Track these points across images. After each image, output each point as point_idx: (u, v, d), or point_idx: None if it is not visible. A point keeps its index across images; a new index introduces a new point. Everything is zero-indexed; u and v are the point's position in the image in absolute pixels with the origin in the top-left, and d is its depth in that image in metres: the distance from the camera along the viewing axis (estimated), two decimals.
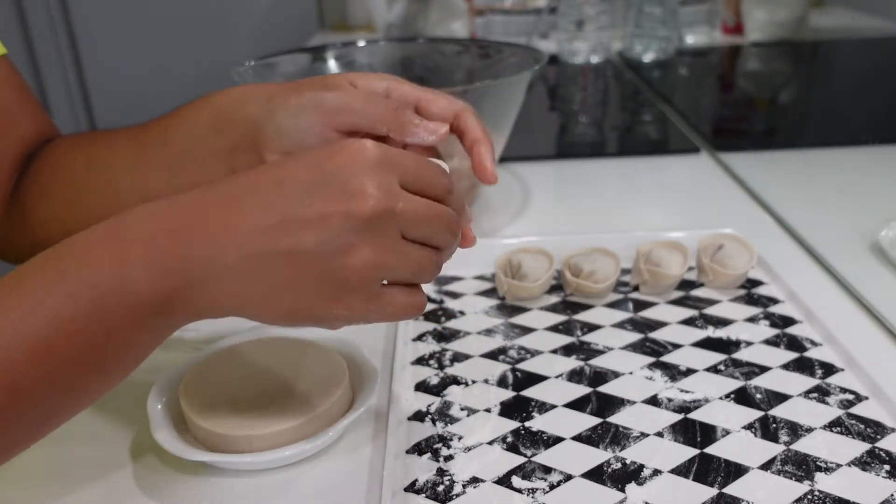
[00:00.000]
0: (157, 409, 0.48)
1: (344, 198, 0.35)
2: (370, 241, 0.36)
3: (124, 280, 0.35)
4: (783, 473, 0.44)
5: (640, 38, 1.52)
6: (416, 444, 0.47)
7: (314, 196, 0.35)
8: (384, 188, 0.36)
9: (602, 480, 0.44)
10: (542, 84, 1.38)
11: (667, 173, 0.93)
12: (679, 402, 0.50)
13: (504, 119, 0.74)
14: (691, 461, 0.45)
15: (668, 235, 0.68)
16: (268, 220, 0.35)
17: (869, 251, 0.69)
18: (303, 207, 0.35)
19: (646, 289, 0.63)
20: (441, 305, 0.63)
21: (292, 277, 0.36)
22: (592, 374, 0.53)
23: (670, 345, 0.56)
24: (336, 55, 0.86)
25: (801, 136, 1.10)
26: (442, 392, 0.52)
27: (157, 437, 0.45)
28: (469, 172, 0.73)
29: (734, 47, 1.61)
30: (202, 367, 0.51)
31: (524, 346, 0.57)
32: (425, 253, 0.38)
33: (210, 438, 0.45)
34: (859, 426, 0.47)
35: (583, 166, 0.96)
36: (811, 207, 0.81)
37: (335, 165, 0.36)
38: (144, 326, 0.36)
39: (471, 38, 1.56)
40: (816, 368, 0.53)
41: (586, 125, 1.16)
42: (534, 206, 0.84)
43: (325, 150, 0.37)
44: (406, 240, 0.37)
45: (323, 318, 0.38)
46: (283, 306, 0.37)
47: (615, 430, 0.47)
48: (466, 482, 0.44)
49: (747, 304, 0.61)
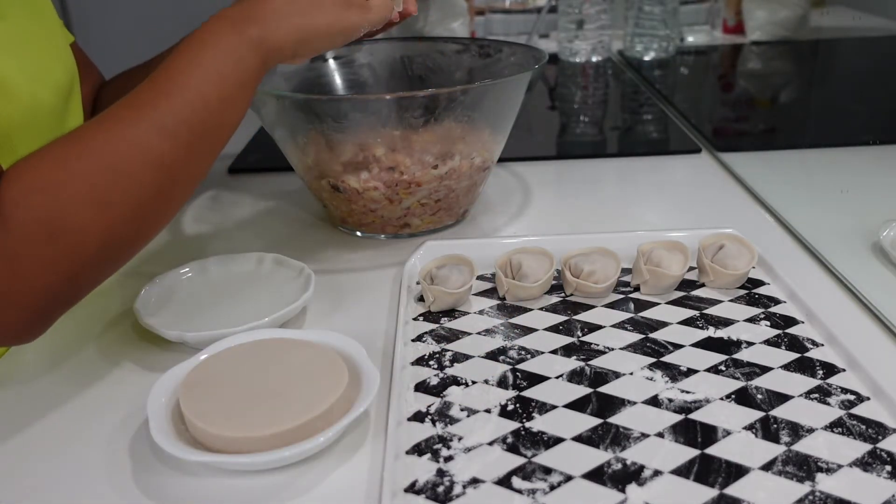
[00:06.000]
0: (157, 410, 0.47)
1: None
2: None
3: (237, 48, 0.52)
4: (784, 474, 0.43)
5: (640, 37, 1.52)
6: (415, 444, 0.47)
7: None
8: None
9: (602, 481, 0.43)
10: (543, 84, 1.38)
11: (667, 173, 0.93)
12: (680, 403, 0.50)
13: (504, 119, 0.74)
14: (692, 462, 0.45)
15: (669, 235, 0.68)
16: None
17: (870, 251, 0.69)
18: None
19: (646, 289, 0.63)
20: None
21: (318, 1, 0.55)
22: (593, 375, 0.53)
23: (671, 345, 0.56)
24: (335, 54, 0.86)
25: (801, 136, 1.09)
26: (442, 393, 0.52)
27: (156, 437, 0.45)
28: (469, 172, 0.73)
29: (735, 47, 1.61)
30: (202, 367, 0.51)
31: (524, 347, 0.56)
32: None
33: (209, 439, 0.45)
34: (860, 427, 0.47)
35: (583, 166, 0.96)
36: (812, 207, 0.81)
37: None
38: (257, 70, 0.53)
39: (471, 38, 1.56)
40: (817, 369, 0.53)
41: (586, 125, 1.16)
42: (534, 206, 0.84)
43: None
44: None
45: (346, 25, 0.57)
46: (322, 21, 0.55)
47: (615, 430, 0.47)
48: (466, 483, 0.44)
49: (748, 304, 0.61)
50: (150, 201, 0.48)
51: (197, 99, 0.49)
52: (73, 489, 0.45)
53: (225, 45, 0.51)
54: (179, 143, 0.48)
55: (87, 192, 0.45)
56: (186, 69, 0.50)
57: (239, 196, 0.90)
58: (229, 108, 0.51)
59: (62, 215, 0.45)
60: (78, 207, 0.45)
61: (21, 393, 0.55)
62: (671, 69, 1.49)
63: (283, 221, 0.82)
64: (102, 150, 0.46)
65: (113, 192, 0.46)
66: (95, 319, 0.63)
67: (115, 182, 0.46)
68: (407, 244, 0.74)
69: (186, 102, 0.49)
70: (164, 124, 0.47)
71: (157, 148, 0.47)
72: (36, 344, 0.60)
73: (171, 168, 0.48)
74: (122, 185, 0.46)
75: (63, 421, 0.51)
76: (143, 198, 0.48)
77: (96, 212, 0.46)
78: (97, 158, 0.46)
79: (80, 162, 0.46)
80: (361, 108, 0.70)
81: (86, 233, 0.46)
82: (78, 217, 0.45)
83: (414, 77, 0.87)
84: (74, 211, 0.45)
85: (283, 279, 0.65)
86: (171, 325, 0.57)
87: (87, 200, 0.45)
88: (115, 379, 0.56)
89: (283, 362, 0.51)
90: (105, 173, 0.46)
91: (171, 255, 0.75)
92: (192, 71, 0.50)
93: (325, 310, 0.64)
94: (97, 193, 0.46)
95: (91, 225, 0.46)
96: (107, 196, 0.46)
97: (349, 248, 0.75)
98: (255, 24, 0.52)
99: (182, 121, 0.48)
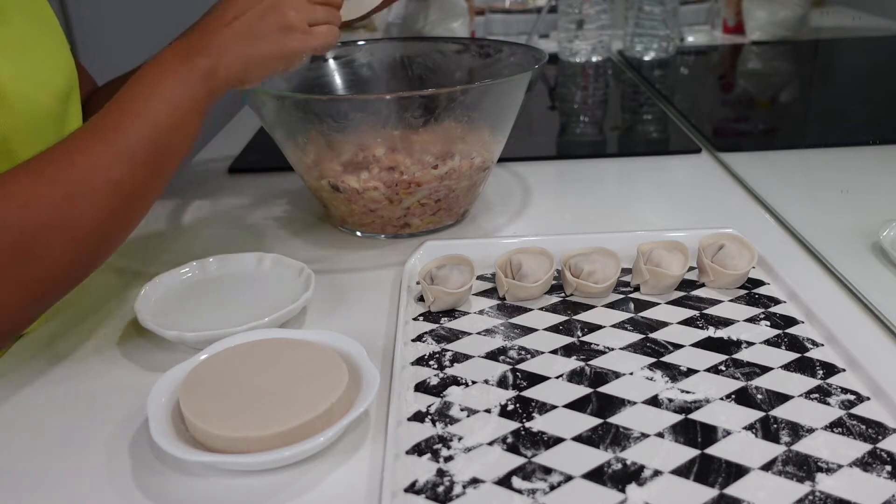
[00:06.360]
0: (157, 410, 0.47)
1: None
2: (293, 6, 0.59)
3: (186, 78, 0.55)
4: (784, 474, 0.43)
5: (640, 37, 1.52)
6: (415, 444, 0.47)
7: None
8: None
9: (602, 481, 0.43)
10: (543, 84, 1.38)
11: (667, 173, 0.93)
12: (680, 403, 0.50)
13: (504, 119, 0.74)
14: (692, 462, 0.45)
15: (669, 235, 0.68)
16: (236, 13, 0.58)
17: (870, 251, 0.69)
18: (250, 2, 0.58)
19: (646, 289, 0.63)
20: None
21: (260, 31, 0.58)
22: (593, 375, 0.53)
23: (671, 345, 0.56)
24: (335, 54, 0.86)
25: (801, 136, 1.10)
26: (442, 393, 0.52)
27: (156, 437, 0.45)
28: (469, 172, 0.73)
29: (735, 47, 1.61)
30: (202, 368, 0.51)
31: (524, 347, 0.56)
32: (327, 7, 0.62)
33: (209, 439, 0.45)
34: (860, 427, 0.47)
35: (583, 166, 0.96)
36: (812, 207, 0.81)
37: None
38: (205, 98, 0.56)
39: (471, 38, 1.56)
40: (817, 369, 0.53)
41: (586, 125, 1.16)
42: (534, 206, 0.84)
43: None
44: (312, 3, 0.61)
45: (287, 52, 0.59)
46: (266, 50, 0.58)
47: (615, 430, 0.47)
48: (466, 483, 0.44)
49: (748, 304, 0.61)
50: (109, 224, 0.52)
51: (150, 126, 0.53)
52: (73, 489, 0.45)
53: (175, 76, 0.55)
54: (136, 167, 0.52)
55: (53, 217, 0.48)
56: (140, 98, 0.54)
57: (239, 196, 0.90)
58: (180, 134, 0.55)
59: (29, 238, 0.48)
60: (44, 231, 0.48)
61: (21, 393, 0.55)
62: (671, 69, 1.49)
63: (283, 221, 0.82)
64: (67, 176, 0.50)
65: (76, 215, 0.49)
66: (95, 319, 0.63)
67: (77, 206, 0.49)
68: (407, 244, 0.74)
69: (141, 129, 0.53)
70: (120, 150, 0.51)
71: (116, 173, 0.51)
72: (36, 344, 0.60)
73: (129, 192, 0.52)
74: (84, 209, 0.50)
75: (63, 421, 0.51)
76: (103, 220, 0.51)
77: (61, 234, 0.49)
78: (62, 185, 0.49)
79: (45, 187, 0.49)
80: (361, 108, 0.70)
81: (52, 255, 0.49)
82: (44, 239, 0.48)
83: (414, 77, 0.87)
84: (41, 234, 0.48)
85: (283, 279, 0.65)
86: (171, 325, 0.57)
87: (52, 224, 0.48)
88: (115, 379, 0.56)
89: (283, 362, 0.51)
90: (69, 199, 0.49)
91: (171, 255, 0.75)
92: (146, 99, 0.54)
93: (325, 310, 0.64)
94: (62, 217, 0.49)
95: (57, 246, 0.49)
96: (71, 220, 0.49)
97: (349, 248, 0.75)
98: (202, 56, 0.56)
99: (137, 147, 0.52)
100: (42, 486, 0.46)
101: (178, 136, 0.55)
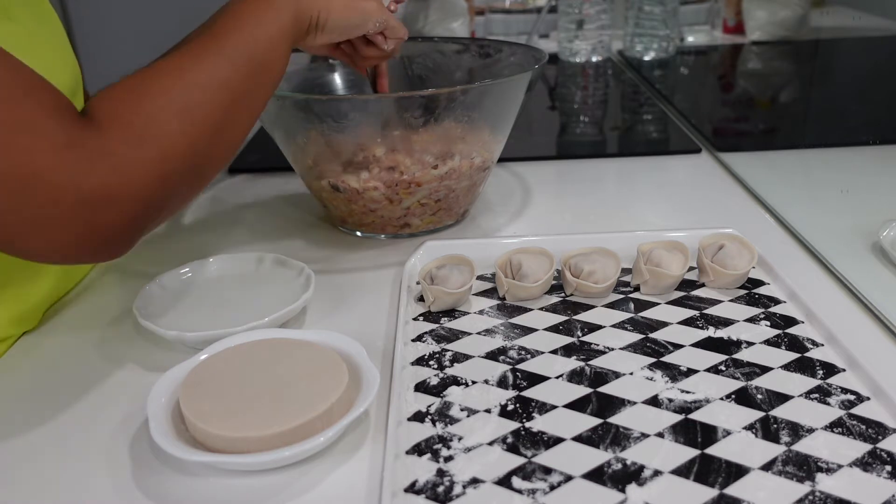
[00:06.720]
0: (157, 410, 0.47)
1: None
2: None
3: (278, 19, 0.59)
4: (784, 474, 0.43)
5: (640, 37, 1.52)
6: (415, 444, 0.47)
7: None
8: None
9: (602, 481, 0.43)
10: (543, 84, 1.38)
11: (667, 173, 0.93)
12: (680, 403, 0.50)
13: (504, 119, 0.74)
14: (692, 462, 0.45)
15: (669, 235, 0.68)
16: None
17: (870, 251, 0.69)
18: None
19: (646, 289, 0.63)
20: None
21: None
22: (593, 375, 0.53)
23: (671, 345, 0.56)
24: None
25: (801, 136, 1.10)
26: (442, 393, 0.52)
27: (156, 437, 0.45)
28: (469, 172, 0.73)
29: (735, 47, 1.61)
30: (202, 368, 0.51)
31: (524, 347, 0.56)
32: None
33: (209, 439, 0.45)
34: (860, 427, 0.47)
35: (583, 166, 0.96)
36: (812, 207, 0.81)
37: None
38: (291, 27, 0.60)
39: (471, 38, 1.56)
40: (817, 369, 0.53)
41: (586, 125, 1.16)
42: (534, 206, 0.84)
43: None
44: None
45: (364, 7, 0.65)
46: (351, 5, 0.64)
47: (615, 430, 0.47)
48: (466, 483, 0.44)
49: (748, 304, 0.61)
50: (222, 121, 0.55)
51: (248, 39, 0.57)
52: (73, 489, 0.45)
53: (265, 4, 0.59)
54: (241, 73, 0.55)
55: (171, 106, 0.51)
56: (235, 16, 0.58)
57: (239, 196, 0.90)
58: (272, 56, 0.58)
59: (151, 122, 0.50)
60: (164, 116, 0.51)
61: (21, 393, 0.55)
62: (671, 69, 1.49)
63: (283, 221, 0.82)
64: (182, 73, 0.53)
65: (192, 107, 0.52)
66: (95, 319, 0.63)
67: (194, 99, 0.52)
68: (407, 244, 0.74)
69: (238, 42, 0.56)
70: (225, 56, 0.55)
71: (226, 74, 0.54)
72: (36, 344, 0.60)
73: (235, 92, 0.55)
74: (200, 103, 0.53)
75: (63, 421, 0.51)
76: (216, 116, 0.54)
77: (179, 122, 0.51)
78: (178, 79, 0.52)
79: (163, 81, 0.52)
80: (361, 108, 0.70)
81: (172, 140, 0.51)
82: (165, 125, 0.51)
83: (414, 77, 0.87)
84: (163, 119, 0.50)
85: (283, 279, 0.65)
86: (171, 325, 0.57)
87: (171, 112, 0.51)
88: (115, 379, 0.56)
89: (282, 362, 0.51)
90: (185, 91, 0.52)
91: (171, 255, 0.75)
92: (240, 18, 0.58)
93: (325, 310, 0.64)
94: (180, 107, 0.52)
95: (176, 134, 0.51)
96: (188, 111, 0.52)
97: (349, 248, 0.75)
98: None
99: (236, 56, 0.56)
100: (42, 486, 0.46)
101: (271, 56, 0.58)
